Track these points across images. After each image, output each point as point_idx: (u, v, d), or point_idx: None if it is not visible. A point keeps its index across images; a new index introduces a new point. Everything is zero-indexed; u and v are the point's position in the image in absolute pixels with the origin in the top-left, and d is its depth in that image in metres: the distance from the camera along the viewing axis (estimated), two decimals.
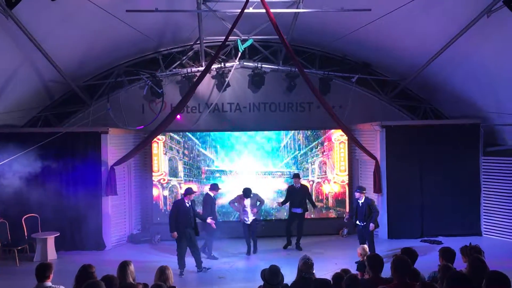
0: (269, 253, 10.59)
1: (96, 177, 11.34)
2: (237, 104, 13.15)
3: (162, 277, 5.54)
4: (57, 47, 10.10)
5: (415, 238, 11.79)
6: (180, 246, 9.52)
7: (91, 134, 11.49)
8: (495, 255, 9.51)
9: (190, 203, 9.71)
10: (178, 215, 9.54)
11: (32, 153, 10.53)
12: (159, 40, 12.09)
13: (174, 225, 9.51)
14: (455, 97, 12.35)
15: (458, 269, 5.33)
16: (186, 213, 9.55)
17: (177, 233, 9.49)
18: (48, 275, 5.24)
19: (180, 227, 9.49)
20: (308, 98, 12.71)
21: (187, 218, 9.55)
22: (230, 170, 12.69)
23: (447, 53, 10.84)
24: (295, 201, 11.33)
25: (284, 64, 12.94)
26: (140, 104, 12.83)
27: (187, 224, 9.52)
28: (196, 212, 9.96)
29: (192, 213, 9.64)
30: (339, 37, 11.77)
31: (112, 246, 11.57)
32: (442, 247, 6.00)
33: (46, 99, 12.20)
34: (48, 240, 10.62)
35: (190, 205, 9.70)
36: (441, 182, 12.11)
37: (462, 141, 12.14)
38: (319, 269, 6.62)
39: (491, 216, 12.09)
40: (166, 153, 12.52)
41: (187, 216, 9.55)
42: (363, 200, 10.10)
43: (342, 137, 12.75)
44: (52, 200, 11.11)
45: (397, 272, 4.96)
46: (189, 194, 9.77)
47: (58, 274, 6.17)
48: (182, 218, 9.52)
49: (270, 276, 5.31)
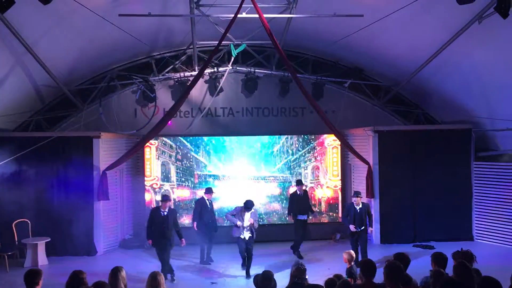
0: (262, 259, 10.55)
1: (87, 182, 11.25)
2: (230, 108, 13.14)
3: (154, 283, 5.49)
4: (49, 51, 10.05)
5: (407, 243, 11.80)
6: (158, 253, 9.24)
7: (83, 139, 11.42)
8: (487, 260, 9.56)
9: (167, 212, 9.28)
10: (153, 224, 9.24)
11: (23, 157, 10.45)
12: (152, 45, 12.07)
13: (149, 233, 9.29)
14: (447, 102, 12.43)
15: (451, 274, 5.33)
16: (160, 223, 9.16)
17: (152, 241, 9.21)
18: (37, 282, 5.17)
19: (154, 235, 9.21)
20: (301, 103, 12.73)
21: (160, 228, 9.15)
22: (223, 175, 12.66)
23: (439, 59, 10.92)
24: (300, 208, 11.23)
25: (277, 69, 12.96)
26: (133, 108, 12.79)
27: (159, 234, 9.15)
28: (176, 222, 9.48)
29: (166, 223, 9.17)
30: (332, 42, 11.82)
31: (103, 251, 11.49)
32: (434, 252, 5.99)
33: (37, 103, 12.13)
34: (38, 245, 10.52)
35: (167, 214, 9.24)
36: (433, 187, 12.15)
37: (454, 146, 12.20)
38: (312, 275, 6.62)
39: (483, 221, 12.15)
40: (159, 157, 12.48)
41: (161, 225, 9.14)
42: (360, 206, 10.03)
43: (335, 142, 12.77)
44: (43, 205, 11.02)
45: (390, 277, 4.95)
46: (164, 201, 9.34)
47: (48, 280, 6.12)
48: (156, 227, 9.19)
49: (263, 282, 5.29)
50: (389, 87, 13.25)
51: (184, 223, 12.06)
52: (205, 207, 10.75)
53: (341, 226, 12.63)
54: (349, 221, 10.08)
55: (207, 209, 10.77)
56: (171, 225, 9.28)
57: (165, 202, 9.32)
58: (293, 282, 6.00)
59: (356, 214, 9.98)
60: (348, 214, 10.13)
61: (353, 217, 10.00)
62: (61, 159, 11.23)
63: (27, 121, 12.22)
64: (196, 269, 10.17)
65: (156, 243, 9.22)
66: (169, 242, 9.20)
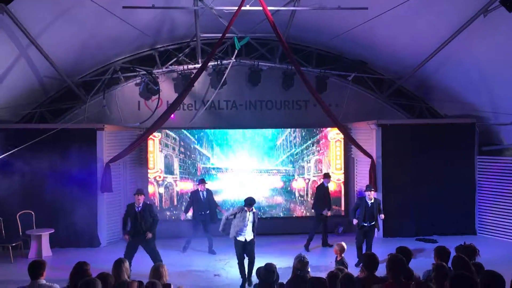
0: (265, 252, 10.58)
1: (91, 174, 11.31)
2: (234, 101, 13.13)
3: (157, 274, 5.53)
4: (53, 43, 10.06)
5: (410, 237, 11.81)
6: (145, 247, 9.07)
7: (86, 131, 11.45)
8: (489, 254, 9.56)
9: (141, 207, 9.07)
10: (129, 218, 9.12)
11: (27, 149, 10.48)
12: (155, 37, 12.05)
13: (124, 228, 9.16)
14: (451, 96, 12.38)
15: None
16: (133, 219, 9.01)
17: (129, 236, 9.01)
18: (41, 273, 5.22)
19: (131, 231, 9.07)
20: (304, 96, 12.70)
21: (134, 224, 8.99)
22: (226, 168, 12.68)
23: (443, 53, 10.87)
24: (327, 201, 11.43)
25: (281, 62, 12.92)
26: (136, 101, 12.79)
27: (134, 230, 9.00)
28: (155, 217, 9.19)
29: (141, 219, 8.96)
30: (336, 35, 11.77)
31: (107, 243, 11.55)
32: (437, 246, 6.01)
33: (41, 95, 12.15)
34: (42, 237, 10.59)
35: (141, 210, 9.05)
36: (436, 181, 12.14)
37: (458, 140, 12.18)
38: (314, 268, 6.64)
39: (486, 215, 12.15)
40: (162, 150, 12.50)
41: (135, 221, 8.98)
42: (373, 200, 9.86)
43: (338, 136, 12.76)
44: (47, 196, 11.08)
45: (392, 271, 4.97)
46: (137, 194, 9.16)
47: (52, 271, 6.16)
48: (130, 223, 9.06)
49: (265, 274, 5.32)
50: (392, 81, 13.21)
51: (188, 216, 12.10)
52: (197, 199, 10.85)
53: (344, 219, 12.69)
54: (356, 214, 9.92)
55: (200, 201, 10.85)
56: (147, 221, 9.06)
57: (138, 195, 9.14)
58: (296, 274, 6.03)
59: (368, 209, 9.78)
60: (359, 208, 9.96)
61: (364, 212, 9.79)
62: (65, 151, 11.24)
63: (31, 113, 12.25)
64: (199, 261, 10.21)
65: (133, 238, 9.06)
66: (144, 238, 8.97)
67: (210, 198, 11.09)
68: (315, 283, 5.02)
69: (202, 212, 10.89)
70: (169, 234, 11.51)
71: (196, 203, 10.94)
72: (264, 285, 5.31)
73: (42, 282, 5.19)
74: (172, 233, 11.43)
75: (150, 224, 9.07)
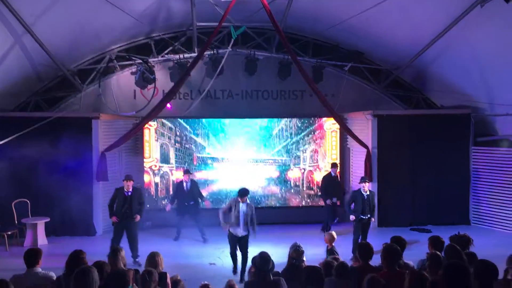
0: (260, 241, 10.62)
1: (87, 162, 11.30)
2: (230, 91, 13.10)
3: (153, 263, 5.55)
4: (48, 31, 9.97)
5: (405, 226, 11.89)
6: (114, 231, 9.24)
7: (82, 120, 11.42)
8: (483, 244, 9.64)
9: (130, 191, 9.24)
10: (116, 202, 9.22)
11: (22, 137, 10.44)
12: (151, 25, 11.97)
13: (111, 211, 9.26)
14: (447, 87, 12.40)
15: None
16: (121, 202, 9.16)
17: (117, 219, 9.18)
18: (37, 261, 5.23)
19: (117, 214, 9.21)
20: (300, 86, 12.67)
21: (122, 207, 9.14)
22: (222, 157, 12.69)
23: (440, 43, 10.86)
24: (334, 191, 11.57)
25: (277, 52, 12.87)
26: (132, 89, 12.73)
27: (121, 215, 9.16)
28: (143, 201, 9.50)
29: (129, 203, 9.16)
30: (333, 25, 11.73)
31: (102, 232, 11.57)
32: (432, 236, 6.07)
33: (36, 83, 12.07)
34: (38, 225, 10.60)
35: (131, 194, 9.23)
36: (431, 171, 12.21)
37: (453, 131, 12.23)
38: (309, 257, 6.67)
39: (480, 205, 12.23)
40: (158, 139, 12.48)
41: (122, 205, 9.14)
42: (368, 192, 9.71)
43: (334, 126, 12.77)
44: (42, 185, 11.05)
45: (387, 260, 5.01)
46: (126, 180, 9.27)
47: (48, 259, 6.17)
48: (117, 207, 9.18)
49: (261, 263, 5.34)
50: (389, 71, 13.20)
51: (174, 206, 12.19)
52: (181, 189, 10.89)
53: (339, 209, 12.72)
54: (352, 208, 9.74)
55: (184, 192, 10.90)
56: (135, 205, 9.24)
57: (127, 181, 9.26)
58: (291, 263, 6.07)
59: (364, 201, 9.59)
60: (354, 201, 9.71)
61: (361, 204, 9.61)
62: (60, 140, 11.20)
63: (26, 101, 12.18)
64: (194, 250, 10.25)
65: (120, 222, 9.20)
66: (132, 221, 9.20)
67: (194, 189, 11.09)
68: (311, 272, 5.06)
69: (185, 203, 10.94)
70: (165, 223, 11.56)
71: (179, 193, 10.98)
72: (259, 273, 5.33)
73: (38, 270, 5.20)
74: (168, 222, 11.47)
75: (137, 207, 9.28)
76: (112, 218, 9.25)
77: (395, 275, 4.81)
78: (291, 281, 5.38)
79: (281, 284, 5.23)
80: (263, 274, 5.28)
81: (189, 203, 10.93)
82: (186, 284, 6.13)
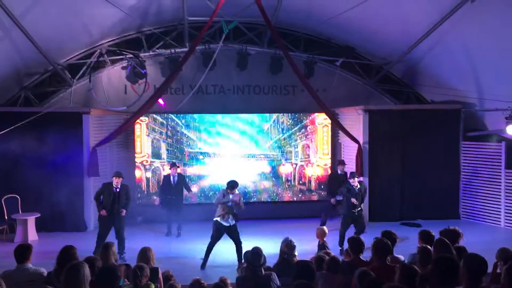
0: (252, 236, 10.64)
1: (77, 158, 11.23)
2: (221, 86, 13.06)
3: (144, 258, 5.54)
4: (37, 25, 9.85)
5: (395, 221, 11.97)
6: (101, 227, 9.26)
7: (72, 115, 11.34)
8: (472, 238, 9.74)
9: (119, 188, 9.25)
10: (103, 197, 9.23)
11: (12, 132, 10.35)
12: (142, 20, 11.89)
13: (99, 204, 9.28)
14: (438, 82, 12.46)
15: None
16: (110, 198, 9.17)
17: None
18: (28, 257, 5.20)
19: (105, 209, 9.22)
20: (292, 81, 12.67)
21: (110, 203, 9.14)
22: (213, 153, 12.67)
23: (431, 38, 10.91)
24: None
25: (269, 47, 12.85)
26: (123, 84, 12.65)
27: (110, 209, 9.15)
28: (129, 196, 9.52)
29: (117, 199, 9.19)
30: (324, 20, 11.73)
31: (93, 227, 11.51)
32: (422, 230, 6.11)
33: (26, 78, 11.96)
34: (28, 221, 10.51)
35: (119, 190, 9.25)
36: (421, 166, 12.28)
37: (444, 126, 12.30)
38: (301, 252, 6.70)
39: (469, 200, 12.33)
40: (149, 134, 12.43)
41: (112, 200, 9.14)
42: (359, 186, 9.77)
43: (326, 121, 12.80)
44: (33, 180, 10.94)
45: (377, 254, 5.05)
46: (116, 177, 9.31)
47: (39, 255, 6.14)
48: (104, 201, 9.19)
49: (252, 258, 5.36)
50: (380, 67, 13.24)
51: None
52: (167, 183, 10.90)
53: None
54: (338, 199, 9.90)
55: (170, 185, 10.91)
56: (122, 200, 9.31)
57: (117, 178, 9.31)
58: (283, 258, 6.10)
59: (357, 194, 9.66)
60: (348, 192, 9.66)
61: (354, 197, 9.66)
62: (50, 135, 11.12)
63: (15, 96, 12.06)
64: (185, 245, 10.24)
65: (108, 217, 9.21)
66: (119, 216, 9.23)
67: (181, 183, 11.10)
68: (302, 266, 5.08)
69: (170, 196, 10.94)
70: (156, 218, 11.54)
71: (166, 186, 11.00)
72: (252, 268, 5.35)
73: (28, 266, 5.17)
74: (159, 218, 11.43)
75: (124, 203, 9.34)
76: (102, 212, 9.22)
77: (386, 269, 4.85)
78: (283, 276, 5.41)
79: (273, 278, 5.25)
80: (255, 269, 5.30)
81: (172, 196, 10.93)
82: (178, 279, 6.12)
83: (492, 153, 11.89)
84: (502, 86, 10.72)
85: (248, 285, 5.27)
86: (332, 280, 5.11)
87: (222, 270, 8.37)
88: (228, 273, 6.80)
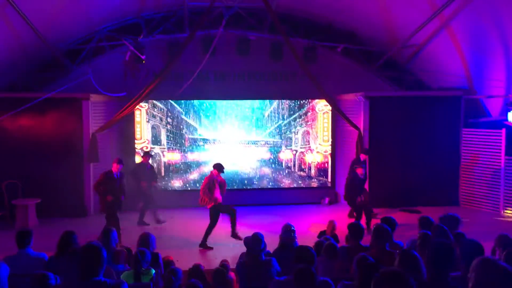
0: (253, 222, 10.68)
1: (78, 143, 11.23)
2: (221, 72, 12.99)
3: (145, 242, 5.57)
4: (36, 9, 9.76)
5: (395, 207, 12.00)
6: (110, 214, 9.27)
7: (72, 100, 11.31)
8: (471, 224, 9.79)
9: (119, 174, 9.34)
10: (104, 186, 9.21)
11: (12, 118, 10.33)
12: (141, 4, 11.78)
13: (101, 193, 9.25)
14: (439, 68, 12.40)
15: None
16: (112, 185, 9.21)
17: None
18: (28, 242, 5.23)
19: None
20: (292, 67, 12.57)
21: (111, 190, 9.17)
22: (214, 139, 12.67)
23: (432, 24, 10.81)
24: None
25: (270, 33, 12.75)
26: (122, 70, 12.56)
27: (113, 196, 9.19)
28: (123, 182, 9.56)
29: (119, 185, 9.30)
30: (326, 5, 11.63)
31: (94, 212, 11.56)
32: (421, 216, 6.13)
33: (25, 63, 11.89)
34: (29, 206, 10.54)
35: (119, 177, 9.35)
36: (422, 153, 12.27)
37: (444, 113, 12.27)
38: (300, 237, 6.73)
39: (469, 186, 12.35)
40: (149, 120, 12.41)
41: (113, 187, 9.20)
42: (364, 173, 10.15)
43: (326, 107, 12.77)
44: (33, 166, 10.98)
45: (377, 240, 5.07)
46: (117, 163, 9.39)
47: (39, 240, 6.16)
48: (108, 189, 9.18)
49: (253, 243, 5.38)
50: (381, 53, 13.15)
51: (174, 186, 12.21)
52: (143, 171, 10.87)
53: (330, 190, 12.83)
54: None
55: (145, 173, 10.87)
56: (122, 186, 9.38)
57: (117, 164, 9.33)
58: (282, 244, 6.12)
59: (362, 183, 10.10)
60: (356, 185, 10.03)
61: (358, 186, 10.05)
62: (51, 121, 11.12)
63: (15, 82, 12.00)
64: (181, 231, 10.28)
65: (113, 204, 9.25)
66: (120, 201, 9.34)
67: (152, 171, 11.14)
68: (302, 251, 5.10)
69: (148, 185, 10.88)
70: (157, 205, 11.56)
71: (142, 175, 10.87)
72: (252, 254, 5.38)
73: (29, 251, 5.20)
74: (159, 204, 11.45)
75: (123, 189, 9.42)
76: (107, 198, 9.18)
77: (385, 254, 4.87)
78: (283, 261, 5.44)
79: (273, 264, 5.28)
80: (255, 254, 5.33)
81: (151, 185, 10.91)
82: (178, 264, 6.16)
83: (492, 140, 11.88)
84: (503, 73, 10.67)
85: (248, 270, 5.30)
86: (331, 266, 5.14)
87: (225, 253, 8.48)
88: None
